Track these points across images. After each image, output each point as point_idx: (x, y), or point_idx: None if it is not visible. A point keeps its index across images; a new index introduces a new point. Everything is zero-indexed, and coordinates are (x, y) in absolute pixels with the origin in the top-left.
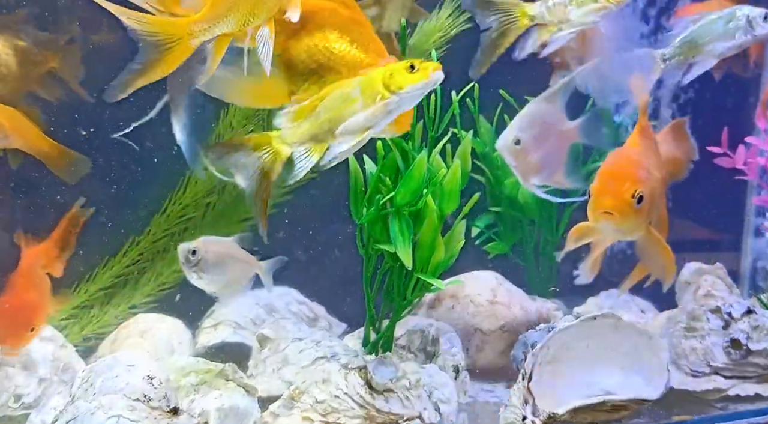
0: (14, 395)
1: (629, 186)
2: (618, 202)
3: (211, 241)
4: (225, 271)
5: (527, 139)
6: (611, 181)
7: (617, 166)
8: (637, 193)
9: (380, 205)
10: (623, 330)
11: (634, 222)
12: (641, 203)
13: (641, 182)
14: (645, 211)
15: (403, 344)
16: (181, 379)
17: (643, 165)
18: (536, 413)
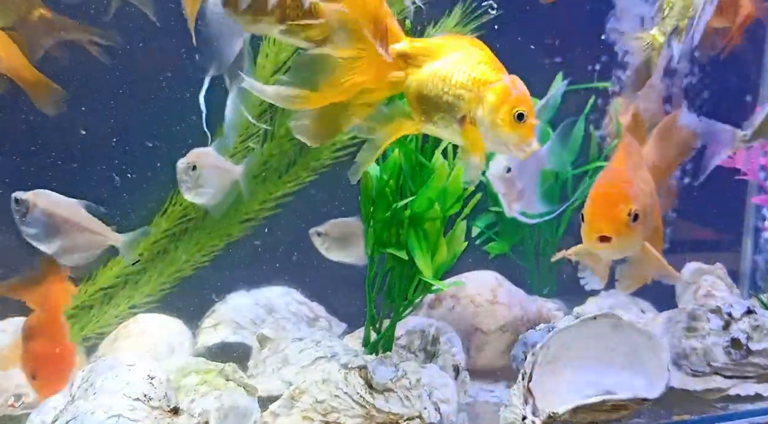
0: (14, 394)
1: (623, 206)
2: (614, 224)
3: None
4: (64, 237)
5: (516, 168)
6: (605, 205)
7: (608, 187)
8: (632, 211)
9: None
10: (623, 330)
11: (631, 241)
12: (637, 221)
13: (634, 200)
14: (640, 227)
15: (403, 344)
16: (182, 379)
17: (632, 182)
18: (536, 413)
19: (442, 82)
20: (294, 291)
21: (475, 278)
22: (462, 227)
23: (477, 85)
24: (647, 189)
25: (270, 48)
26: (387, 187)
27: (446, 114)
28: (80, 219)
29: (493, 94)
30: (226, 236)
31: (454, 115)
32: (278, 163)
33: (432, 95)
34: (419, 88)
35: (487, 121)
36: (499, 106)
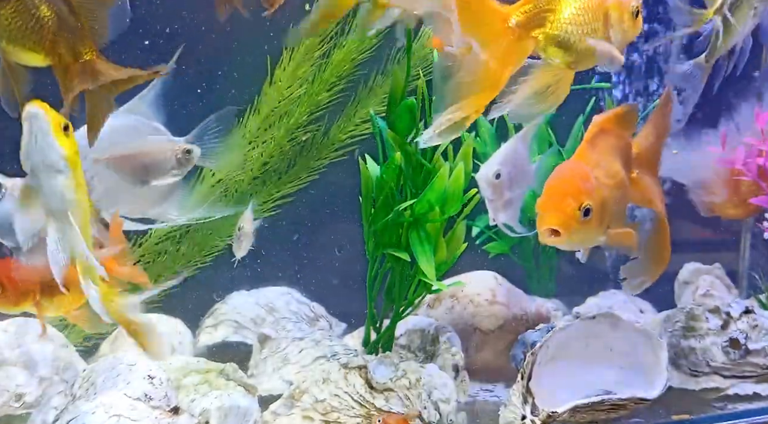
0: (15, 394)
1: (572, 200)
2: (563, 218)
3: None
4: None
5: (505, 175)
6: (554, 197)
7: (559, 181)
8: (583, 206)
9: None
10: (622, 330)
11: (584, 235)
12: (589, 215)
13: (586, 194)
14: (595, 221)
15: (402, 344)
16: (182, 378)
17: (587, 176)
18: (535, 413)
19: (576, 26)
20: (294, 291)
21: (474, 278)
22: (462, 227)
23: (600, 10)
24: (610, 183)
25: (287, 63)
26: (388, 188)
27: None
28: None
29: (616, 10)
30: (227, 236)
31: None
32: (278, 163)
33: (574, 40)
34: (558, 42)
35: (620, 33)
36: (625, 16)
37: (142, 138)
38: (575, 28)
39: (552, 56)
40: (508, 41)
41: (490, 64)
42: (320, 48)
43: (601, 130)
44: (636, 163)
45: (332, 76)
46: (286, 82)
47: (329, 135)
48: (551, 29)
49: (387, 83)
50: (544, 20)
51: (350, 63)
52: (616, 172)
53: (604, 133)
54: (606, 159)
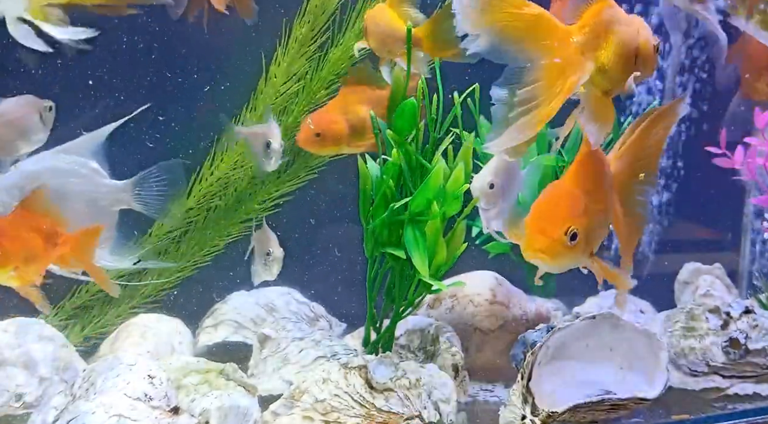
0: (15, 394)
1: (561, 224)
2: (550, 243)
3: None
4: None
5: (498, 185)
6: (542, 220)
7: (548, 203)
8: (570, 230)
9: (393, 211)
10: (622, 330)
11: (570, 259)
12: (576, 240)
13: (575, 218)
14: (581, 246)
15: (402, 344)
16: (182, 378)
17: (578, 200)
18: (535, 412)
19: (618, 56)
20: (294, 291)
21: (474, 278)
22: (462, 228)
23: (634, 43)
24: (598, 207)
25: (282, 57)
26: (387, 187)
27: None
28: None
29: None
30: (226, 235)
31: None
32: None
33: (616, 70)
34: (605, 69)
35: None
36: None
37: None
38: (619, 58)
39: (595, 81)
40: (570, 56)
41: (553, 78)
42: (313, 42)
43: (591, 154)
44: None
45: (330, 74)
46: (281, 78)
47: None
48: (603, 55)
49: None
50: (599, 45)
51: (348, 61)
52: (603, 197)
53: (593, 158)
54: (594, 183)
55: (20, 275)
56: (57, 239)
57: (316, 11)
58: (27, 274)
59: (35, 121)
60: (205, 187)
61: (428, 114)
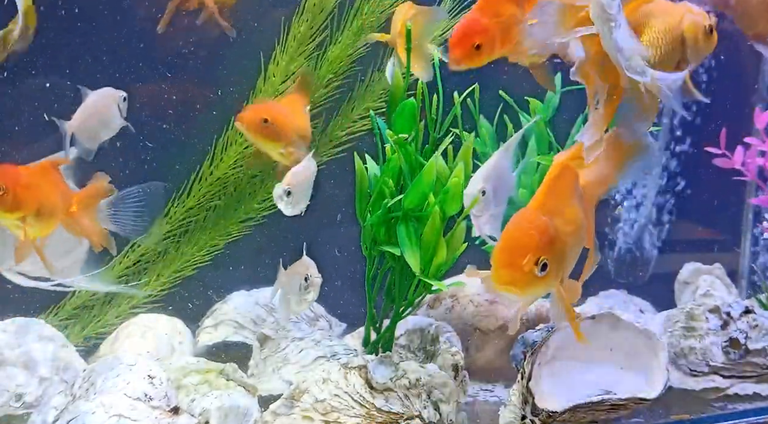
0: (15, 394)
1: (530, 257)
2: (520, 276)
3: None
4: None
5: (489, 191)
6: (510, 253)
7: (516, 234)
8: (540, 261)
9: (387, 209)
10: (622, 330)
11: (542, 289)
12: (546, 270)
13: (544, 248)
14: (552, 274)
15: (402, 344)
16: (182, 378)
17: (547, 227)
18: (535, 413)
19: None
20: None
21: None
22: (462, 228)
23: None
24: (570, 229)
25: (281, 56)
26: (386, 186)
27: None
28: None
29: (691, 31)
30: (226, 235)
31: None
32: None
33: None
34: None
35: (695, 52)
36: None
37: None
38: (660, 49)
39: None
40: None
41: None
42: (312, 41)
43: (564, 171)
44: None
45: (328, 73)
46: (280, 77)
47: (327, 132)
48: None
49: (384, 79)
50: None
51: (346, 59)
52: (575, 217)
53: (566, 175)
54: (566, 203)
55: (29, 225)
56: (70, 200)
57: (314, 10)
58: (35, 227)
59: (114, 111)
60: (205, 186)
61: (428, 114)
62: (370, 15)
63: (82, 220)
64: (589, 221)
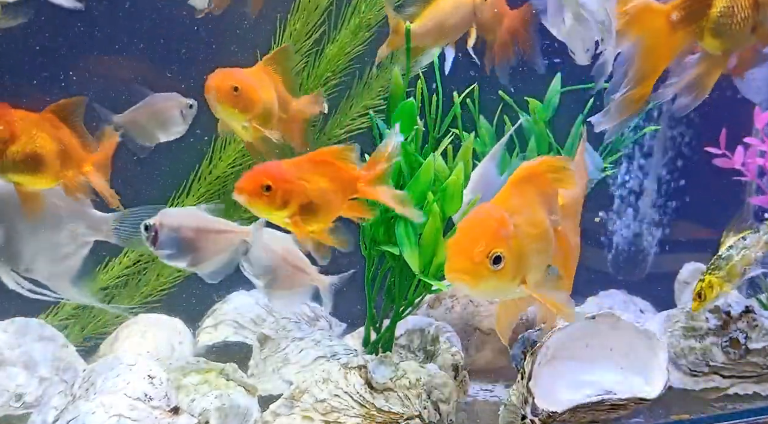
0: (15, 394)
1: (483, 246)
2: (470, 265)
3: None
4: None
5: (483, 196)
6: (464, 241)
7: (472, 224)
8: (492, 253)
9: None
10: (622, 330)
11: (495, 285)
12: (500, 264)
13: (499, 241)
14: (508, 272)
15: (402, 344)
16: (182, 378)
17: (505, 221)
18: (535, 413)
19: (728, 17)
20: None
21: None
22: None
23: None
24: (532, 232)
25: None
26: None
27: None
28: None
29: None
30: None
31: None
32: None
33: (728, 30)
34: (714, 33)
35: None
36: None
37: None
38: (728, 19)
39: (709, 46)
40: (669, 35)
41: (651, 57)
42: (308, 38)
43: (529, 175)
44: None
45: (327, 71)
46: None
47: (326, 130)
48: (708, 22)
49: (383, 77)
50: (702, 14)
51: (344, 57)
52: (540, 222)
53: (532, 179)
54: (530, 206)
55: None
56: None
57: (309, 7)
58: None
59: (175, 116)
60: (204, 185)
61: (428, 114)
62: (368, 13)
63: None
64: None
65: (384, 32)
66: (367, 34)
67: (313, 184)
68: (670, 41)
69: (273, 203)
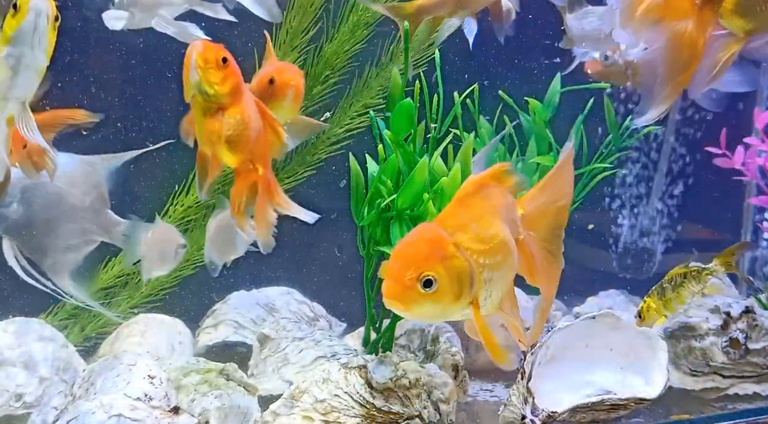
0: (15, 394)
1: (412, 270)
2: (400, 289)
3: None
4: None
5: None
6: (395, 265)
7: (405, 247)
8: (423, 276)
9: (381, 209)
10: (622, 330)
11: (433, 308)
12: (431, 287)
13: (432, 263)
14: (446, 294)
15: (402, 344)
16: (182, 378)
17: (441, 242)
18: (536, 412)
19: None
20: (294, 291)
21: None
22: None
23: None
24: (481, 248)
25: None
26: (384, 186)
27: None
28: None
29: None
30: None
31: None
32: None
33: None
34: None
35: None
36: None
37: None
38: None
39: (734, 26)
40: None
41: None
42: (305, 34)
43: (477, 188)
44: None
45: (326, 70)
46: None
47: (325, 129)
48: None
49: (382, 76)
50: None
51: (343, 55)
52: (492, 236)
53: (480, 192)
54: (479, 221)
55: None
56: None
57: (305, 4)
58: None
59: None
60: None
61: (428, 114)
62: (366, 11)
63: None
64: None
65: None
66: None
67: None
68: (698, 22)
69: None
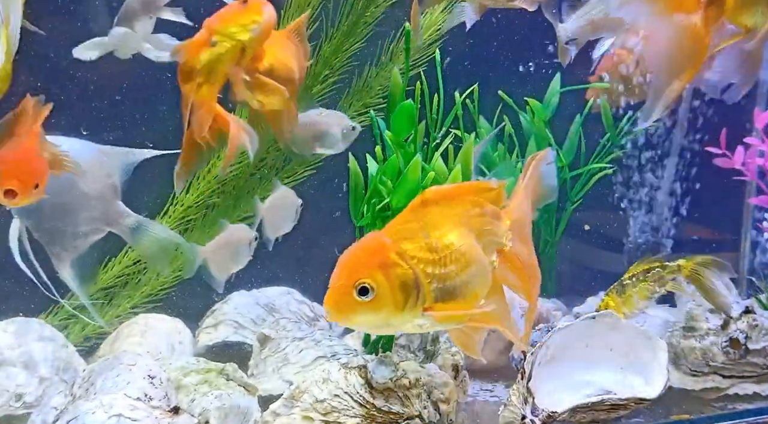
0: (15, 394)
1: (347, 277)
2: (335, 297)
3: None
4: None
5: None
6: (335, 273)
7: (344, 255)
8: (358, 283)
9: (376, 209)
10: (622, 330)
11: (372, 316)
12: (367, 295)
13: (367, 270)
14: (387, 301)
15: (402, 344)
16: (182, 378)
17: (382, 249)
18: (536, 413)
19: None
20: (294, 291)
21: None
22: None
23: None
24: (431, 257)
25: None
26: (383, 186)
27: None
28: None
29: None
30: None
31: None
32: (274, 159)
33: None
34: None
35: None
36: None
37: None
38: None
39: (737, 20)
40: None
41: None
42: None
43: (437, 198)
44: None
45: (325, 69)
46: None
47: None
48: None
49: (381, 75)
50: None
51: (342, 55)
52: (447, 245)
53: (441, 202)
54: (434, 230)
55: None
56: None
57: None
58: None
59: (334, 133)
60: (204, 184)
61: (428, 115)
62: (365, 10)
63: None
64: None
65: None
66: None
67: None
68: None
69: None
